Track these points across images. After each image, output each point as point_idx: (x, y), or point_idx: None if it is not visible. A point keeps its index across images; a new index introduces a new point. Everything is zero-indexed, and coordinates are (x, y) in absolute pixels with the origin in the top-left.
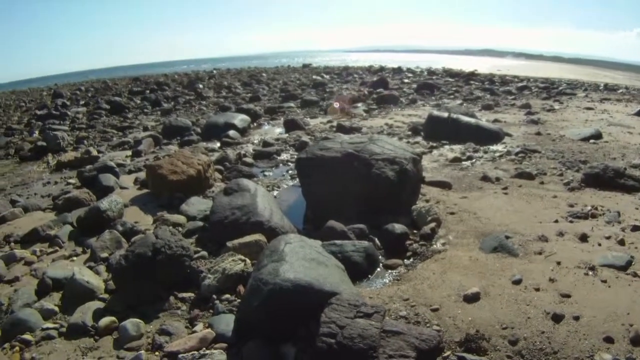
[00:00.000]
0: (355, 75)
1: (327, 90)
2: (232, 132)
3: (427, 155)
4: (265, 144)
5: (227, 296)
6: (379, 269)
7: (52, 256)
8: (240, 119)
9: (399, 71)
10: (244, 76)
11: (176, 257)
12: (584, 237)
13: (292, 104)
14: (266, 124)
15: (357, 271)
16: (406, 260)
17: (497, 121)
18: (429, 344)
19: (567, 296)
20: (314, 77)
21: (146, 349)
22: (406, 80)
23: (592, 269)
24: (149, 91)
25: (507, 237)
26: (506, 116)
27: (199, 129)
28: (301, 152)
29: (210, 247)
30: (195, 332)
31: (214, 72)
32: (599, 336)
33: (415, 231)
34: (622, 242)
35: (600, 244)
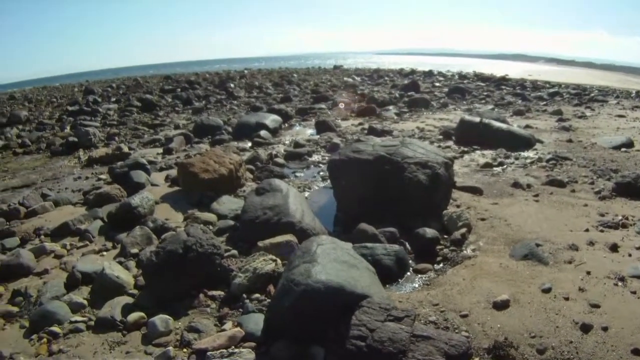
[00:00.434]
0: (386, 77)
1: (359, 92)
2: (263, 132)
3: (458, 160)
4: (296, 144)
5: (257, 295)
6: (408, 273)
7: (82, 250)
8: (271, 119)
9: (430, 74)
10: (275, 77)
11: (207, 255)
12: (614, 247)
13: (323, 105)
14: (297, 124)
15: (387, 275)
16: (436, 265)
17: (528, 127)
18: (458, 350)
19: (597, 306)
20: (345, 78)
21: (174, 346)
22: (437, 83)
23: (622, 279)
24: (180, 89)
25: (538, 245)
26: (537, 122)
27: (230, 128)
28: (333, 153)
29: (240, 246)
30: (224, 330)
31: (245, 72)
32: (626, 348)
33: (445, 236)
34: None
35: (630, 255)
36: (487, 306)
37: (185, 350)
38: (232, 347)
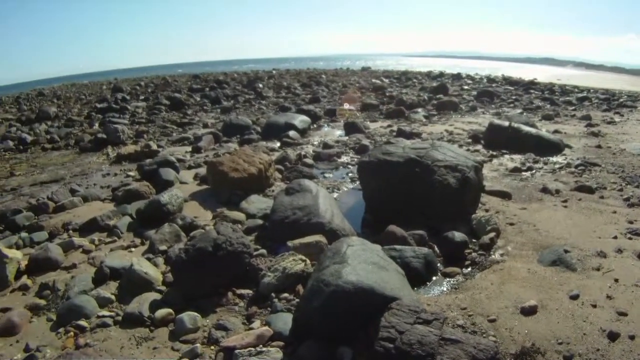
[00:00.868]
0: (414, 79)
1: (387, 94)
2: (292, 133)
3: (487, 164)
4: (325, 145)
5: (286, 295)
6: (437, 277)
7: (110, 246)
8: (300, 120)
9: (458, 77)
10: (303, 77)
11: (236, 253)
12: None
13: (352, 107)
14: (326, 125)
15: (415, 277)
16: (464, 269)
17: (557, 132)
18: (486, 355)
19: (624, 314)
20: (373, 80)
21: (202, 343)
22: (465, 86)
23: None
24: (208, 89)
25: (566, 252)
26: (566, 127)
27: (259, 128)
28: (363, 155)
29: (269, 246)
30: (252, 328)
31: (274, 72)
32: None
33: (474, 240)
34: None
35: None
36: (515, 311)
37: (212, 347)
38: (260, 345)
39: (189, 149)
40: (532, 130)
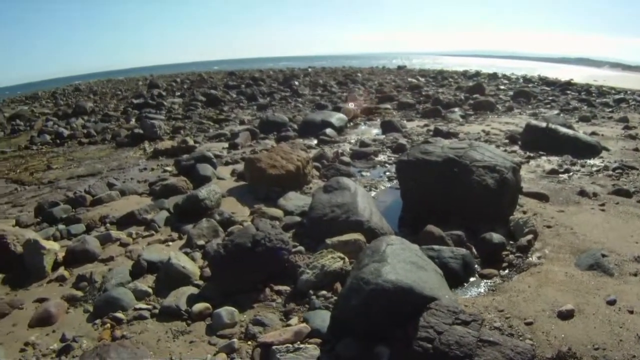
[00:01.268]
0: (450, 79)
1: (423, 93)
2: (329, 131)
3: (524, 165)
4: (362, 144)
5: (324, 292)
6: (474, 278)
7: (148, 239)
8: (337, 118)
9: (494, 77)
10: (339, 75)
11: (275, 250)
12: None
13: (388, 106)
14: (362, 124)
15: (453, 278)
16: (502, 271)
17: (594, 134)
18: (523, 358)
19: None
20: (409, 79)
21: (239, 338)
22: (502, 86)
23: None
24: (244, 86)
25: (604, 256)
26: (603, 129)
27: (296, 126)
28: (402, 154)
29: (307, 243)
30: (289, 325)
31: (309, 70)
32: None
33: (511, 242)
34: None
35: None
36: (552, 315)
37: (249, 343)
38: (298, 342)
39: (226, 145)
40: (570, 131)
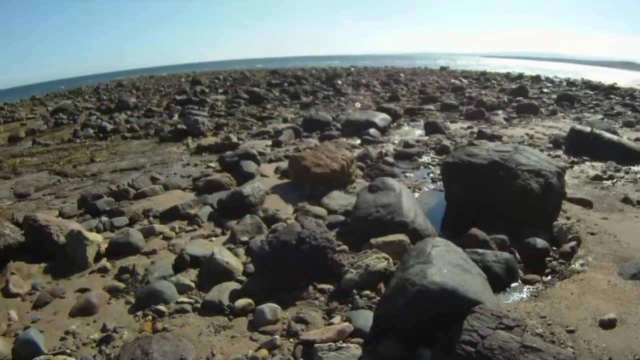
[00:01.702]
0: (493, 81)
1: (466, 95)
2: (372, 130)
3: (568, 170)
4: (406, 144)
5: (367, 292)
6: (516, 283)
7: (191, 234)
8: (380, 118)
9: (537, 80)
10: (382, 75)
11: (320, 248)
12: None
13: (431, 107)
14: (406, 124)
15: (496, 282)
16: (544, 277)
17: (638, 140)
18: None
19: None
20: (452, 80)
21: (281, 335)
22: (545, 89)
23: None
24: (287, 84)
25: None
26: None
27: (339, 125)
28: (447, 155)
29: (350, 242)
30: (332, 324)
31: (352, 69)
32: None
33: (554, 248)
34: None
35: None
36: (594, 324)
37: (291, 340)
38: (340, 341)
39: (269, 142)
40: (614, 137)
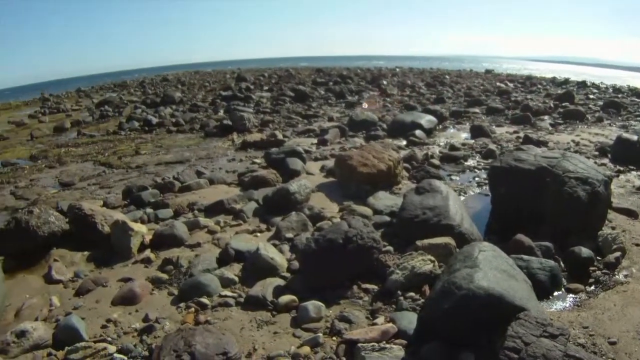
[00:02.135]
0: (539, 85)
1: (512, 99)
2: (418, 132)
3: (613, 179)
4: (452, 147)
5: (412, 294)
6: (560, 292)
7: (236, 229)
8: (426, 120)
9: (583, 85)
10: (427, 76)
11: (367, 248)
12: None
13: (477, 110)
14: (451, 127)
15: (539, 290)
16: (588, 286)
17: None
18: None
19: None
20: (498, 84)
21: (324, 332)
22: (591, 96)
23: None
24: (332, 83)
25: None
26: None
27: (385, 125)
28: (495, 160)
29: (395, 243)
30: (375, 324)
31: (397, 70)
32: None
33: (598, 258)
34: None
35: None
36: (636, 336)
37: (334, 338)
38: (384, 342)
39: (314, 140)
40: None
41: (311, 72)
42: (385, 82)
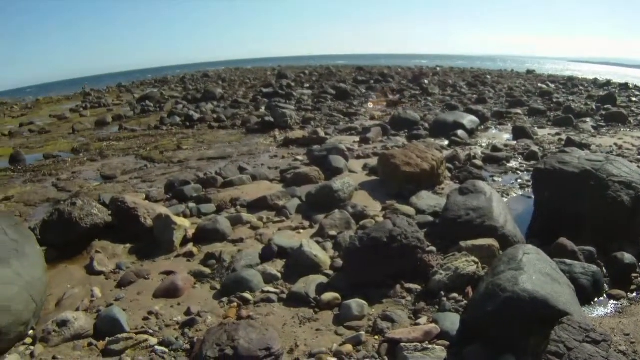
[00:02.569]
0: (580, 87)
1: (554, 100)
2: (460, 132)
3: None
4: (494, 148)
5: (455, 295)
6: (602, 297)
7: (278, 225)
8: (469, 120)
9: (625, 87)
10: (468, 76)
11: (411, 247)
12: None
13: (519, 111)
14: (493, 127)
15: (581, 295)
16: (629, 293)
17: None
18: None
19: None
20: (539, 85)
21: (366, 331)
22: (634, 98)
23: None
24: (373, 81)
25: None
26: None
27: (427, 125)
28: (539, 162)
29: (438, 243)
30: (418, 324)
31: (438, 69)
32: None
33: None
34: None
35: None
36: None
37: (376, 337)
38: (426, 342)
39: (357, 139)
40: None
41: (352, 70)
42: (426, 81)
